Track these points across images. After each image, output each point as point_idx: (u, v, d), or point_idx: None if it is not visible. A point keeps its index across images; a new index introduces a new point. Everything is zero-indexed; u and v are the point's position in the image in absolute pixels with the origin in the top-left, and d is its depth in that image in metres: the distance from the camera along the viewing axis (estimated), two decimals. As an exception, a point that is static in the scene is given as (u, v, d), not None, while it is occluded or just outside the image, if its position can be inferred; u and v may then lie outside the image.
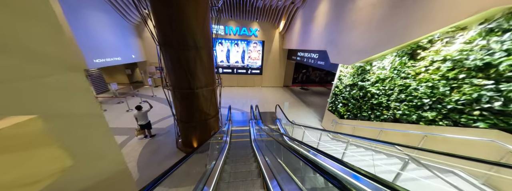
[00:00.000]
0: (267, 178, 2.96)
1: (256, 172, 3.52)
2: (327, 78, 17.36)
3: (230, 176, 3.30)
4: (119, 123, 7.69)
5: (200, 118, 5.31)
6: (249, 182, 2.98)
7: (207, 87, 5.01)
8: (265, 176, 3.07)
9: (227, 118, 7.43)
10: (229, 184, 2.90)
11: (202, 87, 4.88)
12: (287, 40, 12.70)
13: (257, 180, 3.06)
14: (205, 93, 5.05)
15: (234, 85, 15.12)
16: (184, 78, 4.54)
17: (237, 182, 2.97)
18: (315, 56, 8.92)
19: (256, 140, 5.74)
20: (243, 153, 5.12)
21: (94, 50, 8.80)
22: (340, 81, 6.44)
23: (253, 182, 2.97)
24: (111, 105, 9.88)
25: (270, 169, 3.24)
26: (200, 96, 4.95)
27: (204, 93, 5.02)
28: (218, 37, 12.95)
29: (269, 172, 3.15)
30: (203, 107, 5.17)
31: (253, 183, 2.94)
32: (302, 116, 9.02)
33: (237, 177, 3.27)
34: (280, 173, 2.84)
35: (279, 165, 2.89)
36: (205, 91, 5.03)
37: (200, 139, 5.61)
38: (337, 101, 6.52)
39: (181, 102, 4.98)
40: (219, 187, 2.81)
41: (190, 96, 4.80)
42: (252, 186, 2.86)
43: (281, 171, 2.78)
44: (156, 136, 6.70)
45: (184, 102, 4.97)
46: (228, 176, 3.28)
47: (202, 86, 4.88)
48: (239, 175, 3.36)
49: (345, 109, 6.07)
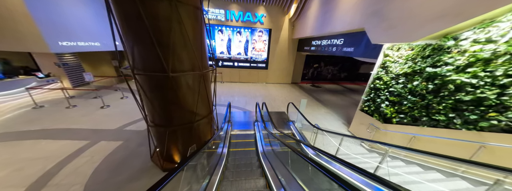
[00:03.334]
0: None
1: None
2: (341, 75, 15.45)
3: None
4: (85, 123, 5.90)
5: (183, 119, 3.48)
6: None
7: (193, 71, 3.18)
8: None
9: (226, 118, 5.61)
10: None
11: (184, 71, 3.05)
12: (298, 28, 10.82)
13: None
14: (189, 80, 3.22)
15: (235, 80, 13.29)
16: (151, 53, 2.71)
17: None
18: (339, 42, 7.04)
19: (266, 153, 3.90)
20: (248, 175, 3.27)
21: (60, 30, 7.02)
22: (385, 70, 4.57)
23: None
24: (86, 100, 8.12)
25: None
26: (180, 85, 3.12)
27: (187, 80, 3.19)
28: (218, 24, 11.11)
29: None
30: (186, 102, 3.34)
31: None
32: (320, 118, 7.16)
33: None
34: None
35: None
36: (190, 77, 3.20)
37: (185, 149, 3.80)
38: (379, 99, 4.65)
39: (151, 93, 3.16)
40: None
41: (163, 84, 2.97)
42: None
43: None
44: (126, 142, 4.90)
45: (154, 93, 3.14)
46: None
47: (185, 69, 3.06)
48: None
49: (395, 109, 4.21)
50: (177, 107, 3.29)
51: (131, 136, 5.22)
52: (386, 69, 4.54)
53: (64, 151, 4.38)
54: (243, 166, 3.72)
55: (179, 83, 3.08)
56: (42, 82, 8.60)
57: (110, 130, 5.50)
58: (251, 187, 2.71)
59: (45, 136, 5.08)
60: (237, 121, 6.58)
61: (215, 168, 3.10)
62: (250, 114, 7.37)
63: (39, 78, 8.52)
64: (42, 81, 8.62)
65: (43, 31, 6.34)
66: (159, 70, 2.84)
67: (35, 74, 8.56)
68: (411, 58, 3.88)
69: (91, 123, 5.90)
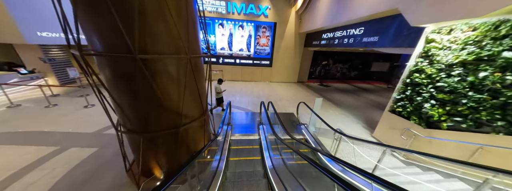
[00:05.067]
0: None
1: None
2: (350, 74, 14.38)
3: None
4: (62, 124, 5.03)
5: (164, 122, 2.54)
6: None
7: (178, 54, 2.24)
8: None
9: (225, 120, 4.67)
10: None
11: (162, 53, 2.11)
12: (306, 21, 9.85)
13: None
14: (171, 68, 2.28)
15: (237, 79, 12.36)
16: (106, 22, 1.79)
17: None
18: (357, 31, 6.05)
19: (278, 170, 2.91)
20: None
21: (39, 18, 6.20)
22: (429, 60, 3.56)
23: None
24: (71, 99, 7.30)
25: None
26: (157, 73, 2.18)
27: (167, 68, 2.25)
28: (218, 17, 10.22)
29: None
30: (169, 99, 2.40)
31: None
32: (336, 121, 6.15)
33: None
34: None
35: None
36: (172, 63, 2.26)
37: (170, 161, 2.86)
38: (420, 97, 3.64)
39: (115, 85, 2.23)
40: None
41: (131, 71, 2.04)
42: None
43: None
44: (101, 149, 3.98)
45: (120, 85, 2.21)
46: None
47: (162, 50, 2.11)
48: None
49: (446, 110, 3.20)
50: (155, 106, 2.35)
51: (110, 141, 4.31)
52: (431, 59, 3.53)
53: (21, 161, 3.49)
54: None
55: (155, 70, 2.14)
56: (25, 79, 7.81)
57: (86, 134, 4.61)
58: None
59: (8, 141, 4.21)
60: (238, 124, 5.62)
61: None
62: (253, 116, 6.41)
63: (22, 74, 7.74)
64: (25, 78, 7.83)
65: (17, 19, 5.53)
66: (121, 50, 1.91)
67: (17, 70, 7.78)
68: (474, 41, 2.87)
69: (68, 125, 5.03)
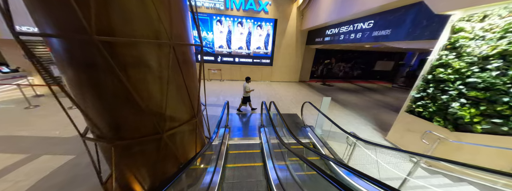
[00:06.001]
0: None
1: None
2: (353, 73, 13.92)
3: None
4: (39, 127, 4.50)
5: (142, 126, 2.02)
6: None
7: (157, 38, 1.73)
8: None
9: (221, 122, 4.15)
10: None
11: (133, 36, 1.60)
12: (309, 17, 9.38)
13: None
14: (148, 57, 1.76)
15: (236, 78, 11.84)
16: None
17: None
18: (366, 25, 5.57)
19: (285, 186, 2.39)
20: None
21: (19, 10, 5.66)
22: (456, 53, 3.08)
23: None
24: (56, 100, 6.73)
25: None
26: (127, 61, 1.66)
27: (144, 56, 1.74)
28: (216, 13, 9.73)
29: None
30: (146, 96, 1.89)
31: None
32: (343, 122, 5.66)
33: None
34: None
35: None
36: (150, 50, 1.74)
37: (152, 174, 2.34)
38: (446, 95, 3.15)
39: (75, 78, 1.71)
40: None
41: (91, 59, 1.53)
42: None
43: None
44: (78, 158, 3.46)
45: (80, 77, 1.69)
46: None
47: (133, 32, 1.60)
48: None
49: (481, 111, 2.71)
50: (128, 107, 1.84)
51: (90, 147, 3.77)
52: (458, 51, 3.04)
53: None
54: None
55: (126, 60, 1.64)
56: (7, 78, 7.26)
57: (64, 139, 4.08)
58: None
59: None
60: (237, 127, 5.10)
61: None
62: (253, 117, 5.91)
63: (3, 73, 7.20)
64: (7, 76, 7.29)
65: None
66: (74, 28, 1.41)
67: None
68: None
69: (45, 128, 4.50)
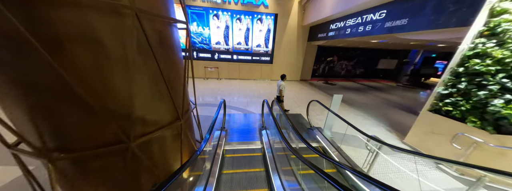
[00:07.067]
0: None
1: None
2: (356, 71, 13.44)
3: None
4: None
5: (100, 133, 1.46)
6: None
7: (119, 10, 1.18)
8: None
9: (216, 123, 3.61)
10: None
11: None
12: (311, 11, 8.86)
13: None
14: (101, 32, 1.20)
15: (234, 77, 11.28)
16: None
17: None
18: (377, 16, 5.06)
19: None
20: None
21: None
22: (496, 40, 2.57)
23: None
24: None
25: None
26: (71, 38, 1.10)
27: (94, 30, 1.17)
28: (213, 7, 9.17)
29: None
30: (108, 91, 1.33)
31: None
32: (354, 123, 5.06)
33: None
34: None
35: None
36: (102, 22, 1.18)
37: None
38: (484, 91, 2.64)
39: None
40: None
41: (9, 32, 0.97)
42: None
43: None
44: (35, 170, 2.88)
45: None
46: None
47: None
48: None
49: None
50: (71, 104, 1.28)
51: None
52: (501, 38, 2.53)
53: None
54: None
55: (56, 24, 1.08)
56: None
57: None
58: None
59: None
60: (235, 129, 4.56)
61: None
62: (253, 118, 5.37)
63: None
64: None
65: None
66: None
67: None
68: None
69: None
